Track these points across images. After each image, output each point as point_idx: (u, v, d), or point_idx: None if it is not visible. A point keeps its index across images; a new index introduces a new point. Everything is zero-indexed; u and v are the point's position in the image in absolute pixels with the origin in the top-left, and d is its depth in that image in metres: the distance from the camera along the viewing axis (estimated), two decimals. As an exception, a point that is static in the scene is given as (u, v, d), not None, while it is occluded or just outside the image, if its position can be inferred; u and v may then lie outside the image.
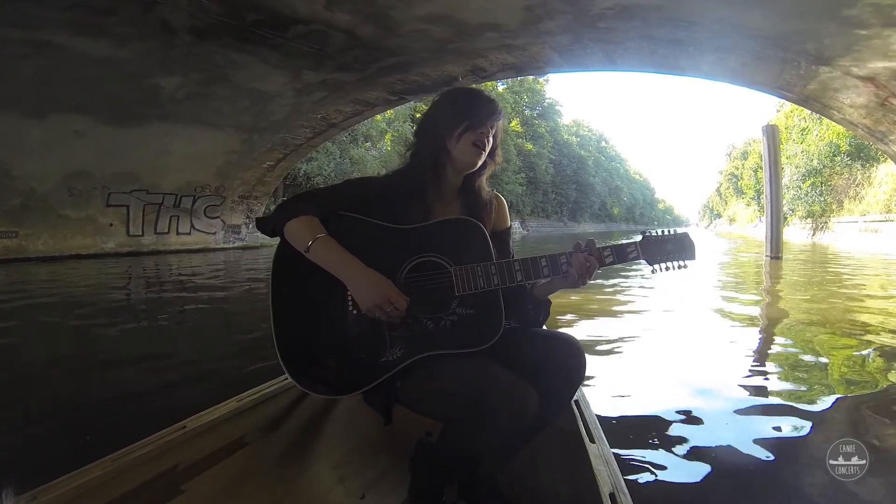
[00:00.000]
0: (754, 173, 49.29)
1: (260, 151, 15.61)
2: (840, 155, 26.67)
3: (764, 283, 8.77)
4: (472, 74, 11.22)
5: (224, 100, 12.29)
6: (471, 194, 1.57)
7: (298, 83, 11.58)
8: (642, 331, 4.75)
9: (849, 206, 24.14)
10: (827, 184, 27.05)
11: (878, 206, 20.57)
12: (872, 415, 2.59)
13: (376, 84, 11.78)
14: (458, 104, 1.49)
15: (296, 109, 13.06)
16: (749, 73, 9.64)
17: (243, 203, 18.37)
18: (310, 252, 1.33)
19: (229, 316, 6.00)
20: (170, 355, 4.02)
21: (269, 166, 16.73)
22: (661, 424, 2.46)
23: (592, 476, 1.30)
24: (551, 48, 9.77)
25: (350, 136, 28.52)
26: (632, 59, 10.04)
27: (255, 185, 17.75)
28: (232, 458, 1.51)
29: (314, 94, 12.12)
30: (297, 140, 15.21)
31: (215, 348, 4.26)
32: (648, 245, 1.44)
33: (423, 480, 1.51)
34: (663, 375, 3.31)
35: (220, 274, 10.66)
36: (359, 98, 12.69)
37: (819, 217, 26.64)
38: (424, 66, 10.82)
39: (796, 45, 8.13)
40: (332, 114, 13.59)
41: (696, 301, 6.50)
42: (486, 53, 10.16)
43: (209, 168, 15.90)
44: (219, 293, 7.58)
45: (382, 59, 10.23)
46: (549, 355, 1.39)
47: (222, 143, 14.61)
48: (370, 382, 1.33)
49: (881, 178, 21.48)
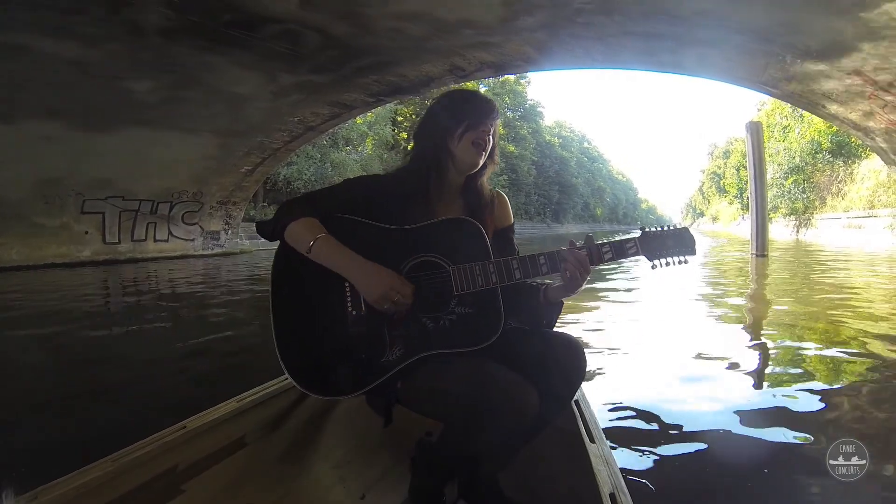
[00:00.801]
0: (737, 171, 50.08)
1: (237, 156, 15.27)
2: (822, 152, 27.28)
3: (751, 281, 8.72)
4: (450, 74, 10.97)
5: (198, 104, 11.94)
6: (472, 194, 1.58)
7: (274, 85, 11.26)
8: (642, 330, 4.84)
9: (832, 202, 24.50)
10: (809, 181, 27.54)
11: (860, 203, 20.85)
12: (867, 406, 2.68)
13: (353, 85, 11.47)
14: (457, 105, 1.50)
15: (272, 113, 12.75)
16: (733, 69, 9.45)
17: (222, 209, 18.01)
18: (311, 252, 1.34)
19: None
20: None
21: (247, 171, 16.38)
22: (661, 424, 2.47)
23: (592, 476, 1.29)
24: (530, 45, 9.52)
25: (330, 139, 28.30)
26: (612, 55, 9.80)
27: (233, 190, 17.39)
28: (232, 458, 1.52)
29: (290, 96, 11.80)
30: (274, 144, 14.88)
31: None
32: (648, 241, 1.43)
33: (424, 480, 1.50)
34: (663, 375, 3.32)
35: (205, 280, 10.45)
36: (336, 100, 12.37)
37: (802, 214, 27.00)
38: (401, 67, 10.52)
39: (782, 39, 7.91)
40: (310, 117, 13.26)
41: (689, 300, 6.54)
42: (463, 52, 9.88)
43: (186, 173, 15.55)
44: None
45: (358, 58, 9.94)
46: (549, 355, 1.38)
47: (199, 148, 14.23)
48: (370, 383, 1.34)
49: (863, 175, 21.75)
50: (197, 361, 4.07)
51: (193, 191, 16.51)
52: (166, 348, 4.53)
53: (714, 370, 3.46)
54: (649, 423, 2.49)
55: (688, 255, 1.43)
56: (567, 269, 1.37)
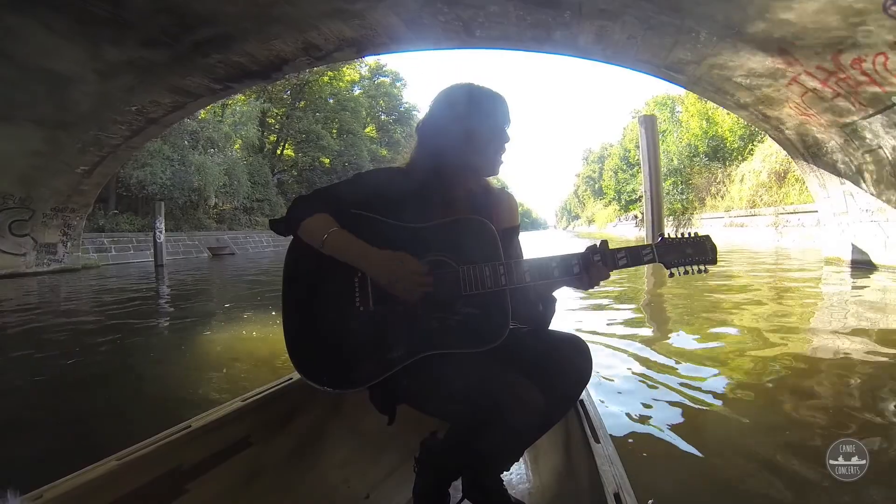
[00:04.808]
0: (615, 174, 53.08)
1: (70, 153, 12.74)
2: (699, 156, 29.33)
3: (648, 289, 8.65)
4: (305, 55, 9.55)
5: (11, 84, 9.71)
6: (480, 192, 1.59)
7: (99, 62, 9.29)
8: (644, 330, 5.06)
9: (711, 203, 26.31)
10: (688, 183, 29.43)
11: (742, 202, 22.40)
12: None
13: (194, 66, 9.75)
14: (495, 116, 1.49)
15: (103, 99, 10.65)
16: (634, 50, 8.34)
17: (58, 217, 15.20)
18: (325, 246, 1.38)
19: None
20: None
21: (84, 172, 13.79)
22: (666, 424, 2.52)
23: (597, 476, 1.27)
24: (396, 15, 8.19)
25: (192, 140, 26.23)
26: (495, 30, 8.54)
27: (70, 194, 14.66)
28: (236, 457, 1.53)
29: (121, 77, 9.83)
30: (113, 139, 12.56)
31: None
32: (666, 248, 1.43)
33: (428, 480, 1.48)
34: (666, 375, 3.36)
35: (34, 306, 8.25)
36: (177, 86, 10.53)
37: (681, 215, 28.72)
38: (247, 43, 8.98)
39: (699, 9, 6.68)
40: (149, 106, 11.30)
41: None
42: (318, 24, 8.45)
43: (9, 174, 12.92)
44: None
45: (195, 30, 8.31)
46: (555, 356, 1.40)
47: (18, 142, 11.72)
48: (376, 377, 1.35)
49: (743, 175, 23.34)
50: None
51: (20, 195, 13.79)
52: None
53: (714, 370, 3.50)
54: (654, 422, 2.55)
55: (707, 264, 1.43)
56: (584, 277, 1.37)
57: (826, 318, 5.49)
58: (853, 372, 3.46)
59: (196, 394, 3.47)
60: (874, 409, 2.74)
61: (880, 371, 3.45)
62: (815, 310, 6.00)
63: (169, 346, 5.21)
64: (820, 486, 1.87)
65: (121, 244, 21.54)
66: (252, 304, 8.09)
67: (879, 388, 3.08)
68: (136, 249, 21.79)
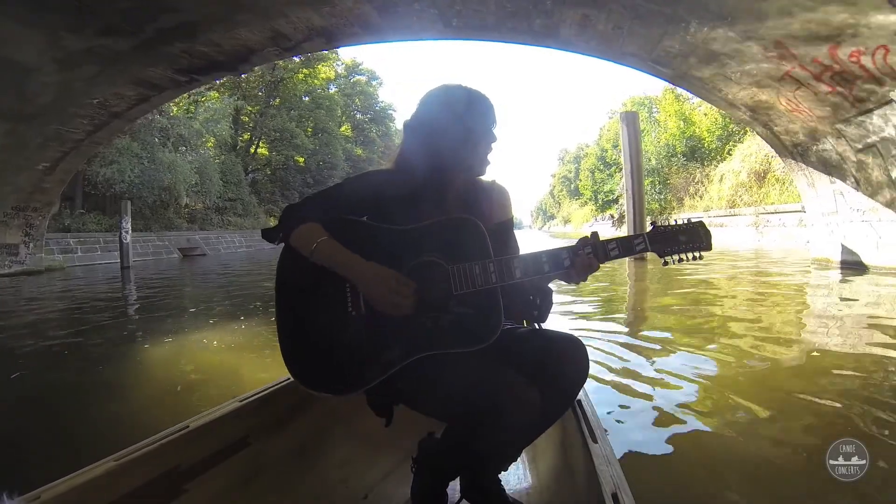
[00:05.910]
0: (591, 174, 53.47)
1: (31, 148, 12.02)
2: (676, 156, 29.51)
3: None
4: (273, 45, 9.04)
5: None
6: (471, 189, 1.61)
7: (59, 51, 8.76)
8: (643, 329, 5.01)
9: (689, 203, 26.48)
10: (665, 183, 29.64)
11: (721, 202, 22.58)
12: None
13: (157, 57, 9.27)
14: (488, 116, 1.51)
15: (64, 91, 10.08)
16: (620, 41, 7.95)
17: (20, 216, 14.47)
18: (313, 255, 1.39)
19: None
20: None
21: (46, 168, 13.09)
22: (664, 424, 2.54)
23: (595, 476, 1.27)
24: (369, 2, 7.69)
25: (162, 137, 25.60)
26: (473, 19, 8.10)
27: (31, 192, 13.91)
28: (235, 458, 1.53)
29: (83, 67, 9.32)
30: (75, 134, 11.96)
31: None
32: (659, 237, 1.41)
33: (426, 480, 1.49)
34: (665, 375, 3.37)
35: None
36: (140, 77, 10.01)
37: (659, 214, 28.74)
38: (213, 32, 8.48)
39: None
40: (112, 99, 10.75)
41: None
42: (286, 11, 7.97)
43: None
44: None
45: (158, 16, 7.84)
46: (552, 355, 1.39)
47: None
48: (371, 381, 1.35)
49: (723, 175, 23.52)
50: None
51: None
52: None
53: (714, 370, 3.51)
54: (652, 422, 2.57)
55: (702, 251, 1.41)
56: (573, 271, 1.38)
57: (822, 318, 5.47)
58: (853, 371, 3.43)
59: (149, 415, 3.13)
60: (874, 409, 2.70)
61: (880, 371, 3.42)
62: (811, 311, 5.97)
63: (117, 360, 4.66)
64: (820, 486, 1.87)
65: (87, 245, 20.71)
66: (219, 312, 7.58)
67: (879, 388, 3.07)
68: (104, 250, 20.97)
